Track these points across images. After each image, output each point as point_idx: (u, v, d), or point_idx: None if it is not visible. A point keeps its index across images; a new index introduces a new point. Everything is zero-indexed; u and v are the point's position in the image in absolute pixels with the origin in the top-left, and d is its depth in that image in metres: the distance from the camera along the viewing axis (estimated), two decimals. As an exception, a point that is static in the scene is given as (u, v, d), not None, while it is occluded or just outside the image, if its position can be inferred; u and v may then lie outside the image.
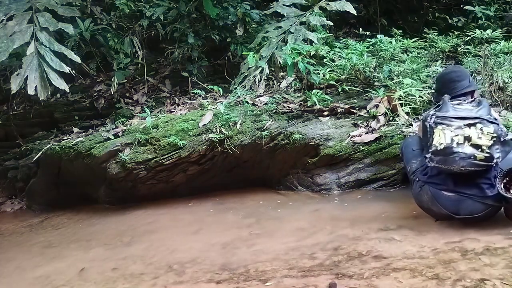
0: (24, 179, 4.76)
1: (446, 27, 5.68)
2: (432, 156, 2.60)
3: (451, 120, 2.58)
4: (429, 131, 2.65)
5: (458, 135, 2.53)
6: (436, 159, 2.59)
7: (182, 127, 3.99)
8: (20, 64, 4.23)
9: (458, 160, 2.51)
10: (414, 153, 2.95)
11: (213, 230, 3.22)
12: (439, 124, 2.61)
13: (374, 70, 4.27)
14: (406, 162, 3.00)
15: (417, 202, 2.82)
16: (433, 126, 2.62)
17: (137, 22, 5.31)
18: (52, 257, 3.15)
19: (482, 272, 2.02)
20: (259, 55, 4.53)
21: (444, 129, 2.58)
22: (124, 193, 4.16)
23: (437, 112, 2.67)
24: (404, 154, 3.06)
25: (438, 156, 2.57)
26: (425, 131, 2.72)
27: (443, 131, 2.57)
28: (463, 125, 2.55)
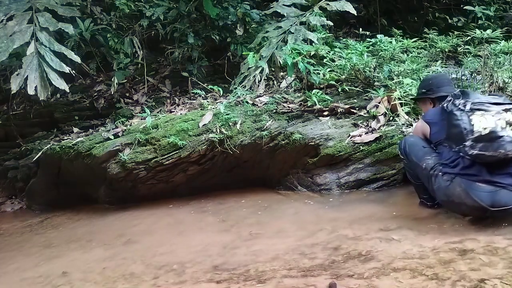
0: (24, 179, 4.76)
1: (446, 27, 5.69)
2: (473, 143, 2.49)
3: (489, 106, 2.55)
4: (461, 119, 2.55)
5: (500, 119, 2.49)
6: (479, 146, 2.49)
7: (182, 127, 3.99)
8: (20, 64, 4.24)
9: (504, 144, 2.45)
10: (425, 150, 2.86)
11: (213, 230, 3.22)
12: (477, 110, 2.54)
13: (374, 70, 4.27)
14: (417, 160, 2.86)
15: (444, 197, 2.66)
16: (470, 113, 2.54)
17: (137, 22, 5.31)
18: (52, 257, 3.15)
19: (482, 272, 2.02)
20: (259, 55, 4.54)
21: (483, 114, 2.52)
22: (124, 193, 4.16)
23: (468, 99, 2.61)
24: (410, 153, 2.93)
25: (482, 142, 2.48)
26: (452, 123, 2.61)
27: (484, 116, 2.51)
28: (501, 110, 2.52)
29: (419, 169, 2.86)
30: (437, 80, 3.17)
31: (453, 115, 2.63)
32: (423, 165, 2.81)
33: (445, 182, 2.64)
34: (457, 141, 2.60)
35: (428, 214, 2.88)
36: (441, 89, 3.06)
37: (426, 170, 2.78)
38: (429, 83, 3.15)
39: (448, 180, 2.63)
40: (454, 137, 2.64)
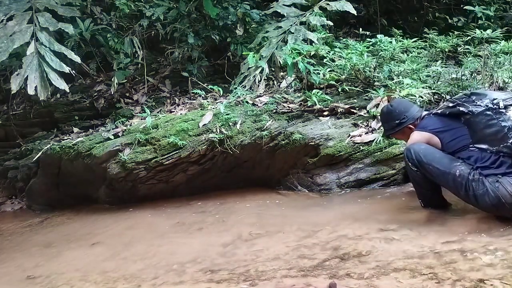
0: (24, 179, 4.76)
1: (446, 27, 5.69)
2: None
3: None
4: (497, 118, 2.54)
5: None
6: None
7: (182, 127, 3.99)
8: (20, 64, 4.24)
9: None
10: (449, 157, 2.71)
11: (213, 230, 3.22)
12: (510, 105, 2.55)
13: (374, 70, 4.27)
14: (445, 168, 2.68)
15: (495, 200, 2.52)
16: (503, 110, 2.53)
17: (137, 22, 5.31)
18: (52, 257, 3.14)
19: (482, 272, 2.02)
20: (259, 55, 4.54)
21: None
22: (124, 193, 4.16)
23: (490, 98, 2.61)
24: (430, 162, 2.73)
25: None
26: (487, 124, 2.58)
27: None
28: None
29: (448, 177, 2.66)
30: (401, 105, 3.06)
31: (485, 115, 2.59)
32: (456, 173, 2.63)
33: (493, 185, 2.52)
34: (496, 141, 2.56)
35: (428, 214, 2.88)
36: (412, 111, 3.00)
37: (461, 177, 2.61)
38: (396, 113, 3.01)
39: (494, 181, 2.53)
40: (490, 137, 2.58)
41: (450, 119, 2.82)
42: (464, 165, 2.65)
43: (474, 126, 2.67)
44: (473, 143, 2.67)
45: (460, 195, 2.69)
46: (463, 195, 2.66)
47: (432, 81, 4.19)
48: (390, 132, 3.13)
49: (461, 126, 2.76)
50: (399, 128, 3.02)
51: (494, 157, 2.58)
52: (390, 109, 3.07)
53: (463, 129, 2.74)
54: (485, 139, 2.61)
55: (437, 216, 2.84)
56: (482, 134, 2.62)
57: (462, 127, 2.75)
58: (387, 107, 3.12)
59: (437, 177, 2.74)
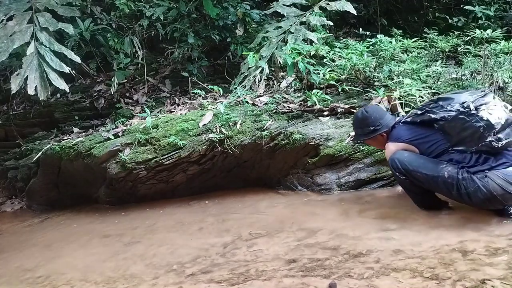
0: (24, 179, 4.76)
1: (446, 27, 5.70)
2: (499, 136, 2.56)
3: (483, 100, 2.64)
4: (471, 120, 2.60)
5: (496, 105, 2.62)
6: (503, 134, 2.57)
7: (182, 127, 3.99)
8: (20, 64, 4.24)
9: None
10: (433, 161, 2.76)
11: (213, 230, 3.22)
12: (480, 106, 2.61)
13: (374, 70, 4.27)
14: (433, 172, 2.71)
15: (488, 194, 2.56)
16: (475, 111, 2.60)
17: (137, 22, 5.31)
18: (52, 257, 3.15)
19: (482, 272, 2.02)
20: (259, 55, 4.54)
21: (487, 108, 2.60)
22: (124, 193, 4.16)
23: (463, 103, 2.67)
24: (417, 169, 2.77)
25: (505, 129, 2.57)
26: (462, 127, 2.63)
27: (488, 109, 2.59)
28: (489, 100, 2.65)
29: (438, 180, 2.70)
30: (376, 113, 3.08)
31: (459, 119, 2.65)
32: (445, 174, 2.67)
33: (482, 180, 2.58)
34: (473, 142, 2.63)
35: (428, 215, 2.88)
36: (386, 119, 3.04)
37: (451, 178, 2.65)
38: (371, 120, 3.04)
39: (483, 177, 2.58)
40: (467, 139, 2.65)
41: (422, 126, 2.88)
42: (450, 165, 2.70)
43: (449, 131, 2.74)
44: (452, 147, 2.74)
45: (452, 195, 2.73)
46: (456, 195, 2.69)
47: (432, 81, 4.19)
48: (363, 138, 3.17)
49: (434, 132, 2.82)
50: (373, 135, 3.06)
51: (475, 155, 2.66)
52: (365, 115, 3.09)
53: (437, 135, 2.81)
54: (463, 142, 2.69)
55: (437, 216, 2.84)
56: (459, 137, 2.69)
57: (436, 133, 2.82)
58: (361, 112, 3.14)
59: (426, 182, 2.78)
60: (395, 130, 3.00)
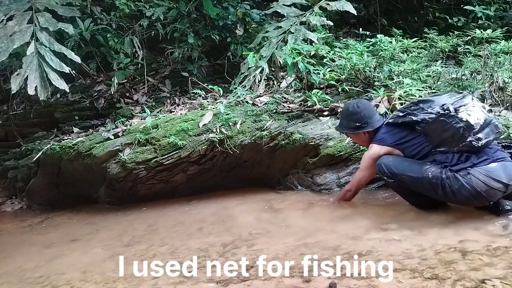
0: (24, 179, 4.76)
1: (446, 27, 5.70)
2: (479, 135, 2.62)
3: (462, 101, 2.71)
4: (451, 121, 2.66)
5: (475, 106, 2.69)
6: (483, 134, 2.63)
7: (182, 127, 3.99)
8: (20, 64, 4.24)
9: (498, 124, 2.70)
10: (417, 162, 2.82)
11: (213, 230, 3.22)
12: (459, 108, 2.67)
13: (374, 70, 4.27)
14: (418, 174, 2.76)
15: (472, 191, 2.61)
16: (454, 113, 2.67)
17: (137, 22, 5.31)
18: (52, 257, 3.14)
19: (483, 272, 2.02)
20: (259, 55, 4.54)
21: (466, 109, 2.66)
22: (124, 193, 4.16)
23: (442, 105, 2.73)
24: (403, 172, 2.83)
25: (484, 129, 2.63)
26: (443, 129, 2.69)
27: (467, 110, 2.65)
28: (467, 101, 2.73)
29: (423, 181, 2.75)
30: (367, 111, 3.11)
31: (440, 122, 2.71)
32: (429, 175, 2.72)
33: (465, 177, 2.63)
34: (454, 143, 2.69)
35: (428, 215, 2.88)
36: (374, 119, 3.08)
37: (435, 178, 2.70)
38: (360, 116, 3.08)
39: (466, 174, 2.64)
40: (448, 140, 2.71)
41: (404, 129, 2.94)
42: (434, 166, 2.76)
43: (431, 132, 2.79)
44: (434, 148, 2.80)
45: (438, 195, 2.77)
46: (441, 194, 2.74)
47: (432, 81, 4.20)
48: (346, 130, 3.23)
49: (417, 135, 2.89)
50: (357, 131, 3.13)
51: (457, 155, 2.72)
52: (356, 110, 3.13)
53: (420, 138, 2.87)
54: (444, 143, 2.75)
55: (437, 216, 2.84)
56: (440, 139, 2.75)
57: (418, 135, 2.88)
58: (353, 105, 3.18)
59: (412, 185, 2.84)
60: (380, 132, 3.05)
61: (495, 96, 3.92)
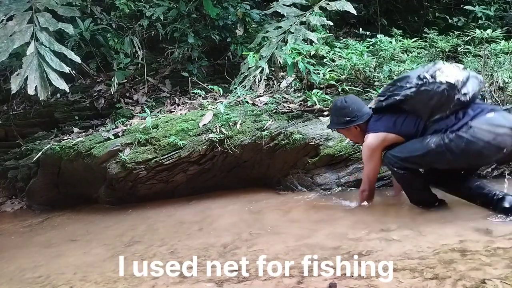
0: (24, 179, 4.76)
1: (446, 27, 5.69)
2: (464, 91, 2.65)
3: (435, 66, 2.77)
4: (433, 87, 2.68)
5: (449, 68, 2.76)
6: (467, 88, 2.66)
7: (182, 127, 3.99)
8: (20, 64, 4.24)
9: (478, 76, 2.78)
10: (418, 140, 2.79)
11: (213, 230, 3.22)
12: (435, 73, 2.70)
13: (374, 70, 4.27)
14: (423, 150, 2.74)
15: (481, 142, 2.59)
16: (432, 79, 2.69)
17: (137, 22, 5.31)
18: (52, 257, 3.14)
19: (483, 272, 2.02)
20: (259, 55, 4.54)
21: (442, 72, 2.69)
22: (124, 193, 4.16)
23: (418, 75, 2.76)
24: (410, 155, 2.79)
25: (466, 84, 2.66)
26: (429, 96, 2.70)
27: (443, 72, 2.69)
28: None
29: (430, 154, 2.72)
30: (355, 104, 3.10)
31: (422, 92, 2.72)
32: (432, 146, 2.70)
33: (469, 132, 2.62)
34: (445, 106, 2.70)
35: (428, 214, 2.88)
36: (363, 112, 3.06)
37: (439, 146, 2.69)
38: (349, 110, 3.07)
39: (468, 128, 2.63)
40: (437, 106, 2.71)
41: (392, 112, 2.92)
42: (434, 136, 2.75)
43: (418, 106, 2.79)
44: (428, 120, 2.78)
45: (451, 162, 2.74)
46: (453, 159, 2.70)
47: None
48: (337, 126, 3.21)
49: (407, 114, 2.87)
50: (347, 126, 3.10)
51: (453, 116, 2.71)
52: (344, 105, 3.12)
53: (411, 116, 2.86)
54: (435, 111, 2.74)
55: (437, 216, 2.84)
56: (429, 108, 2.75)
57: (408, 115, 2.87)
58: (341, 101, 3.17)
59: (424, 163, 2.82)
60: (370, 122, 3.03)
61: (495, 96, 3.92)
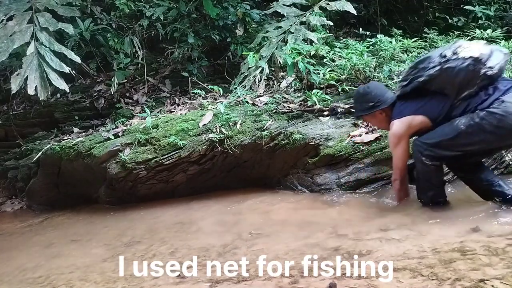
0: (24, 179, 4.76)
1: (446, 27, 5.70)
2: (489, 64, 2.59)
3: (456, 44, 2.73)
4: (457, 64, 2.62)
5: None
6: (492, 61, 2.60)
7: (182, 127, 3.99)
8: (20, 64, 4.25)
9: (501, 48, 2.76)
10: (446, 125, 2.71)
11: (213, 230, 3.22)
12: (457, 49, 2.66)
13: (374, 70, 4.27)
14: (453, 132, 2.66)
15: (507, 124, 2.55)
16: (455, 55, 2.64)
17: (137, 22, 5.31)
18: (52, 257, 3.15)
19: (482, 272, 2.02)
20: (259, 55, 4.54)
21: (464, 48, 2.64)
22: (124, 193, 4.16)
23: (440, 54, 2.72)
24: (441, 139, 2.71)
25: (490, 57, 2.60)
26: (454, 73, 2.64)
27: (466, 49, 2.64)
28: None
29: (462, 136, 2.64)
30: (378, 89, 3.07)
31: (447, 69, 2.66)
32: (462, 128, 2.63)
33: (500, 107, 2.57)
34: (472, 82, 2.63)
35: (428, 214, 2.88)
36: (387, 96, 3.02)
37: (470, 127, 2.61)
38: (372, 96, 3.02)
39: (500, 103, 2.57)
40: (464, 83, 2.64)
41: (417, 96, 2.85)
42: (462, 118, 2.66)
43: (444, 84, 2.72)
44: (456, 98, 2.71)
45: (483, 142, 2.66)
46: (485, 139, 2.63)
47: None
48: (361, 113, 3.16)
49: (433, 96, 2.79)
50: (371, 111, 3.04)
51: (482, 93, 2.65)
52: (366, 91, 3.09)
53: (437, 97, 2.78)
54: (462, 88, 2.67)
55: (437, 216, 2.83)
56: (456, 86, 2.67)
57: (434, 96, 2.79)
58: (363, 88, 3.15)
59: (455, 147, 2.71)
60: (395, 108, 2.96)
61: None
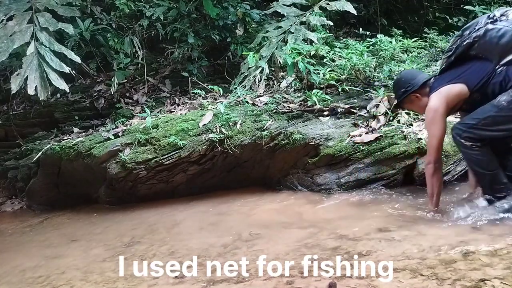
0: (24, 179, 4.76)
1: (446, 27, 5.70)
2: None
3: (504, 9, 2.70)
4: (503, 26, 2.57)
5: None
6: None
7: (182, 127, 3.99)
8: (20, 64, 4.24)
9: None
10: (486, 105, 2.61)
11: (213, 230, 3.22)
12: (505, 12, 2.63)
13: (374, 70, 4.27)
14: (494, 110, 2.58)
15: None
16: (503, 17, 2.62)
17: (137, 22, 5.32)
18: (52, 257, 3.15)
19: (482, 272, 2.02)
20: (259, 55, 4.54)
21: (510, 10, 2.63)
22: (124, 193, 4.16)
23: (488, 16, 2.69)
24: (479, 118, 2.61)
25: None
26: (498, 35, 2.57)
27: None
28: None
29: (503, 113, 2.54)
30: (409, 74, 3.03)
31: (492, 30, 2.59)
32: (503, 103, 2.53)
33: None
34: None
35: (428, 214, 2.88)
36: (418, 79, 2.91)
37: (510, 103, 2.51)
38: (403, 81, 2.96)
39: None
40: (508, 46, 2.56)
41: (459, 64, 2.77)
42: (502, 95, 2.56)
43: (487, 46, 2.63)
44: (498, 64, 2.62)
45: None
46: None
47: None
48: (397, 100, 3.08)
49: (474, 62, 2.71)
50: (404, 96, 2.94)
51: None
52: (398, 78, 3.07)
53: (478, 62, 2.69)
54: (506, 51, 2.58)
55: (437, 216, 2.84)
56: (500, 48, 2.59)
57: (475, 62, 2.70)
58: (396, 77, 3.14)
59: (497, 126, 2.60)
60: (434, 83, 2.86)
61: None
